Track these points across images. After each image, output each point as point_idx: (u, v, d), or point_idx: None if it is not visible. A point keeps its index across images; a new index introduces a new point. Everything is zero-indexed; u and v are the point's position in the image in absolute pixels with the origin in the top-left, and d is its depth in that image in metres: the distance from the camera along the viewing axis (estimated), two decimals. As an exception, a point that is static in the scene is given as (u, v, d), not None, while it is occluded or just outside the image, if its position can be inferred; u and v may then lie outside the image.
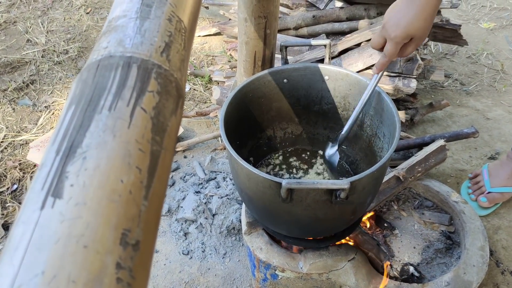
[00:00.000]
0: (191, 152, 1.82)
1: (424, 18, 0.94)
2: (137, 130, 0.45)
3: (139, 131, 0.45)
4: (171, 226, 1.56)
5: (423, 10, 0.93)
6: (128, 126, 0.45)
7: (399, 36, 0.97)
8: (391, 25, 0.97)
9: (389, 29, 0.98)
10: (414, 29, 0.95)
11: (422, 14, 0.93)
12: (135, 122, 0.46)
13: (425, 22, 0.94)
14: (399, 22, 0.95)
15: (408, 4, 0.95)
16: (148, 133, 0.46)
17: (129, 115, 0.46)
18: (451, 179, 1.68)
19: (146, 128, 0.46)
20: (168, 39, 0.55)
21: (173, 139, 0.51)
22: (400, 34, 0.96)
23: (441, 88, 2.10)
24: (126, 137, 0.44)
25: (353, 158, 1.38)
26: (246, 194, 1.15)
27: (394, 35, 0.97)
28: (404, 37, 0.97)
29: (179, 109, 0.53)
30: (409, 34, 0.96)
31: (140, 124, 0.46)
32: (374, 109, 1.24)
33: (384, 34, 1.00)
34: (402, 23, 0.95)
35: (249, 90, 1.25)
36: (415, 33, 0.96)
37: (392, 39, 0.98)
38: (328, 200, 1.02)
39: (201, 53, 2.35)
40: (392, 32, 0.97)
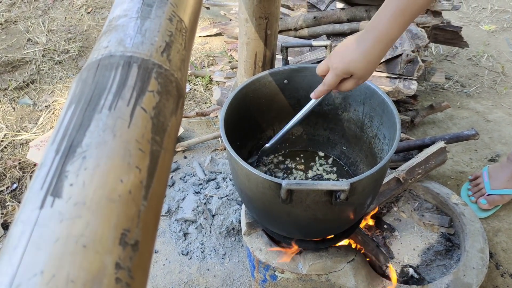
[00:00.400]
0: (191, 152, 1.82)
1: (367, 60, 0.94)
2: (137, 130, 0.45)
3: (139, 131, 0.45)
4: (170, 226, 1.56)
5: (368, 52, 0.93)
6: (128, 126, 0.44)
7: (340, 68, 0.97)
8: (337, 56, 0.98)
9: (333, 59, 0.99)
10: (355, 67, 0.95)
11: (366, 55, 0.93)
12: (135, 121, 0.46)
13: (367, 64, 0.94)
14: (344, 55, 0.96)
15: (357, 42, 0.95)
16: (148, 133, 0.46)
17: (129, 115, 0.46)
18: (451, 181, 1.68)
19: (146, 128, 0.46)
20: (169, 39, 0.55)
21: (173, 139, 0.51)
22: (341, 67, 0.96)
23: (442, 90, 2.09)
24: (126, 137, 0.44)
25: (353, 159, 1.38)
26: (245, 194, 1.14)
27: (336, 66, 0.98)
28: (344, 71, 0.97)
29: (179, 109, 0.53)
30: (349, 70, 0.96)
31: (140, 124, 0.46)
32: (374, 111, 1.24)
33: (329, 62, 1.01)
34: (346, 58, 0.95)
35: (249, 90, 1.25)
36: (355, 71, 0.96)
37: (334, 70, 0.99)
38: (328, 201, 1.02)
39: (201, 54, 2.35)
40: (335, 63, 0.98)
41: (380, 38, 0.92)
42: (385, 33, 0.91)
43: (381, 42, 0.92)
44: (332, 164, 1.40)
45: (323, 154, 1.43)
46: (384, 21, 0.91)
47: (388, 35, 0.91)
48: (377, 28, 0.92)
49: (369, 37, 0.93)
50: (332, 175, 1.37)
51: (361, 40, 0.94)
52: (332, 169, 1.39)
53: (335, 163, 1.41)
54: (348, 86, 1.01)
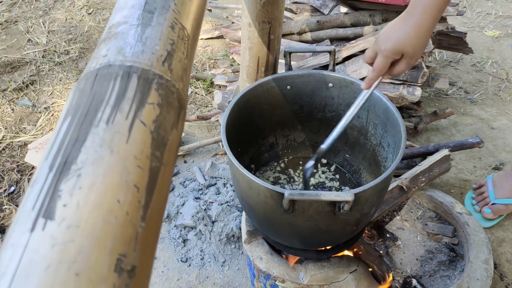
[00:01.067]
0: (191, 156, 1.80)
1: (417, 35, 0.91)
2: (135, 145, 0.43)
3: (138, 146, 0.43)
4: (169, 232, 1.54)
5: (417, 26, 0.90)
6: (127, 141, 0.42)
7: (389, 50, 0.93)
8: (383, 38, 0.94)
9: (380, 42, 0.95)
10: (406, 45, 0.91)
11: (415, 30, 0.90)
12: (134, 136, 0.43)
13: (417, 39, 0.91)
14: (391, 35, 0.93)
15: (403, 20, 0.92)
16: (148, 149, 0.44)
17: (128, 129, 0.43)
18: (454, 189, 1.66)
19: (145, 143, 0.44)
20: (171, 48, 0.53)
21: (174, 153, 0.48)
22: (390, 48, 0.93)
23: (445, 96, 2.07)
24: (124, 153, 0.41)
25: (356, 167, 1.36)
26: (246, 202, 1.12)
27: (384, 48, 0.94)
28: (394, 51, 0.93)
29: (180, 121, 0.50)
30: (399, 49, 0.92)
31: (139, 138, 0.44)
32: (378, 118, 1.22)
33: (376, 47, 0.97)
34: (393, 37, 0.92)
35: (251, 96, 1.23)
36: (406, 49, 0.92)
37: (382, 52, 0.95)
38: (331, 212, 0.99)
39: (203, 56, 2.33)
40: (382, 45, 0.94)
41: (427, 10, 0.88)
42: (432, 4, 0.87)
43: (429, 14, 0.89)
44: (335, 172, 1.38)
45: (326, 161, 1.41)
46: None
47: (436, 6, 0.88)
48: (423, 2, 0.88)
49: (415, 11, 0.90)
50: (334, 183, 1.35)
51: (407, 17, 0.91)
52: (335, 176, 1.36)
53: (338, 171, 1.39)
54: (400, 68, 0.96)
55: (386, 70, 0.98)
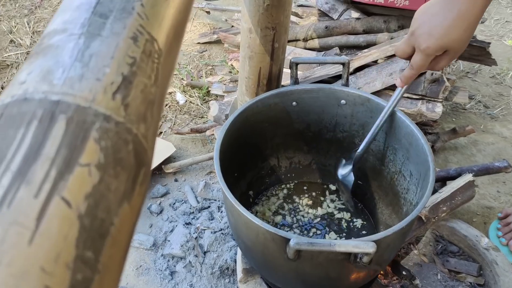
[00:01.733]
0: (183, 174, 1.62)
1: (464, 28, 0.75)
2: (47, 247, 0.25)
3: (50, 249, 0.26)
4: (156, 262, 1.36)
5: (464, 17, 0.74)
6: (30, 241, 0.25)
7: (432, 48, 0.79)
8: (423, 33, 0.79)
9: (419, 38, 0.80)
10: (451, 40, 0.77)
11: (462, 22, 0.75)
12: (46, 230, 0.26)
13: (465, 32, 0.76)
14: (433, 30, 0.77)
15: (445, 7, 0.76)
16: (69, 249, 0.26)
17: (36, 217, 0.27)
18: (477, 218, 1.48)
19: (66, 240, 0.27)
20: (129, 70, 0.35)
21: (122, 248, 0.31)
22: (433, 46, 0.78)
23: (463, 111, 1.90)
24: (22, 265, 0.24)
25: (370, 196, 1.18)
26: (243, 242, 0.95)
27: (426, 46, 0.79)
28: (438, 49, 0.79)
29: (137, 188, 0.32)
30: (444, 46, 0.78)
31: (54, 232, 0.27)
32: (399, 143, 1.04)
33: (413, 42, 0.82)
34: (437, 32, 0.77)
35: (251, 114, 1.05)
36: (452, 45, 0.78)
37: (423, 51, 0.80)
38: (344, 260, 0.82)
39: (199, 62, 2.15)
40: (423, 42, 0.79)
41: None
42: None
43: (475, 2, 0.73)
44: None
45: (335, 188, 1.23)
46: None
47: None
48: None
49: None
50: (345, 214, 1.17)
51: (450, 5, 0.75)
52: (345, 206, 1.19)
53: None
54: (442, 64, 0.83)
55: (426, 67, 0.85)
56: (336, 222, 1.15)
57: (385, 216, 1.14)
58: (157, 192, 1.54)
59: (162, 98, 0.40)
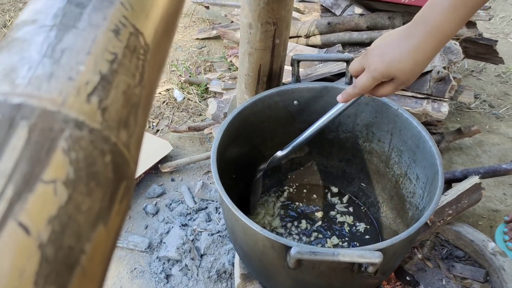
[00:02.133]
0: (180, 174, 1.57)
1: (415, 61, 0.72)
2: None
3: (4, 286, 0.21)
4: (151, 265, 1.31)
5: (417, 51, 0.72)
6: None
7: (378, 71, 0.76)
8: (375, 54, 0.76)
9: (370, 58, 0.77)
10: (399, 70, 0.74)
11: (415, 55, 0.72)
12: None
13: (414, 65, 0.73)
14: (385, 55, 0.74)
15: (403, 36, 0.73)
16: (27, 287, 0.22)
17: None
18: (483, 222, 1.44)
19: (21, 277, 0.22)
20: (108, 68, 0.30)
21: (96, 278, 0.26)
22: (381, 70, 0.75)
23: (468, 110, 1.85)
24: None
25: (374, 199, 1.14)
26: (241, 248, 0.90)
27: (374, 68, 0.76)
28: (384, 74, 0.76)
29: (116, 206, 0.28)
30: (391, 73, 0.75)
31: (7, 267, 0.22)
32: (405, 144, 0.99)
33: (364, 62, 0.79)
34: (387, 57, 0.74)
35: (250, 113, 1.01)
36: (399, 75, 0.75)
37: (370, 72, 0.77)
38: (348, 269, 0.78)
39: (198, 58, 2.10)
40: (372, 64, 0.76)
41: (433, 33, 0.70)
42: (440, 27, 0.69)
43: (434, 39, 0.70)
44: (348, 204, 1.16)
45: (337, 190, 1.19)
46: (439, 11, 0.69)
47: (444, 30, 0.70)
48: (429, 20, 0.70)
49: (418, 31, 0.71)
50: (347, 218, 1.12)
51: (407, 35, 0.72)
52: (348, 209, 1.14)
53: (351, 202, 1.16)
54: (385, 91, 0.79)
55: (369, 89, 0.81)
56: (338, 226, 1.11)
57: (389, 221, 1.09)
58: (153, 192, 1.49)
59: (149, 101, 0.35)
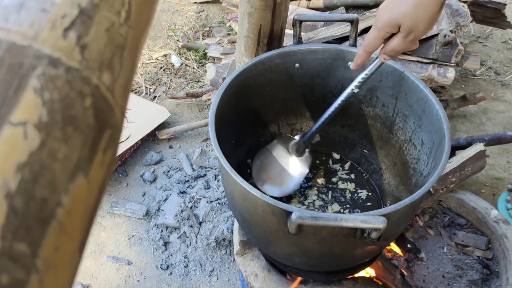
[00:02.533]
0: (178, 141, 1.54)
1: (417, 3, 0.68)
2: None
3: None
4: (148, 232, 1.30)
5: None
6: None
7: (380, 20, 0.72)
8: (381, 8, 0.73)
9: (377, 13, 0.73)
10: (402, 14, 0.69)
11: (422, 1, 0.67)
12: None
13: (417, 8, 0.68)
14: (388, 5, 0.71)
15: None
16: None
17: None
18: (485, 189, 1.42)
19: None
20: (88, 1, 0.27)
21: (76, 234, 0.23)
22: (382, 18, 0.72)
23: (473, 78, 1.81)
24: None
25: (376, 166, 1.11)
26: (240, 214, 0.88)
27: (376, 19, 0.73)
28: (386, 22, 0.71)
29: (99, 156, 0.25)
30: (393, 18, 0.70)
31: None
32: (410, 109, 0.96)
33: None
34: (391, 6, 0.70)
35: (250, 75, 0.97)
36: (402, 20, 0.70)
37: (374, 24, 0.74)
38: (350, 235, 0.76)
39: (196, 23, 2.04)
40: (377, 16, 0.73)
41: None
42: None
43: None
44: (350, 170, 1.13)
45: (339, 157, 1.16)
46: None
47: None
48: None
49: None
50: (349, 184, 1.10)
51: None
52: (350, 176, 1.12)
53: (353, 169, 1.14)
54: (394, 44, 0.74)
55: (377, 46, 0.76)
56: (339, 192, 1.09)
57: (392, 187, 1.07)
58: (150, 159, 1.47)
59: (138, 44, 0.32)
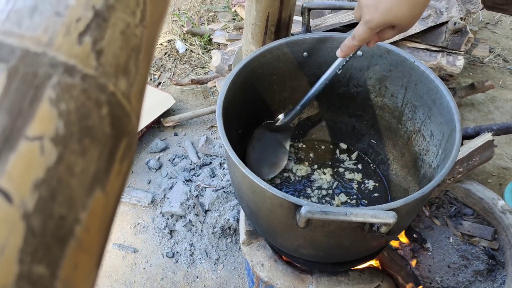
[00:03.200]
0: (183, 128, 1.54)
1: (413, 5, 0.68)
2: None
3: None
4: (154, 220, 1.30)
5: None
6: None
7: (375, 22, 0.72)
8: (368, 4, 0.71)
9: (364, 9, 0.72)
10: (397, 16, 0.70)
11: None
12: None
13: (414, 8, 0.69)
14: (378, 3, 0.70)
15: None
16: (8, 266, 0.18)
17: None
18: (492, 179, 1.41)
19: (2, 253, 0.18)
20: (103, 3, 0.26)
21: (95, 250, 0.22)
22: (377, 20, 0.71)
23: (481, 65, 1.79)
24: None
25: (384, 157, 1.10)
26: (247, 206, 0.88)
27: (369, 18, 0.72)
28: (381, 24, 0.72)
29: (116, 166, 0.24)
30: (388, 21, 0.71)
31: None
32: (420, 99, 0.95)
33: (358, 12, 0.75)
34: (382, 6, 0.69)
35: (258, 65, 0.96)
36: (397, 21, 0.71)
37: (366, 23, 0.73)
38: (358, 228, 0.75)
39: (201, 7, 2.01)
40: (367, 14, 0.72)
41: None
42: None
43: None
44: (357, 161, 1.12)
45: (346, 147, 1.15)
46: None
47: None
48: None
49: None
50: (356, 175, 1.09)
51: None
52: (357, 167, 1.11)
53: (361, 159, 1.13)
54: (388, 35, 0.76)
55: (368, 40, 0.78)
56: (346, 183, 1.08)
57: (399, 178, 1.06)
58: (155, 147, 1.46)
59: (152, 44, 0.31)
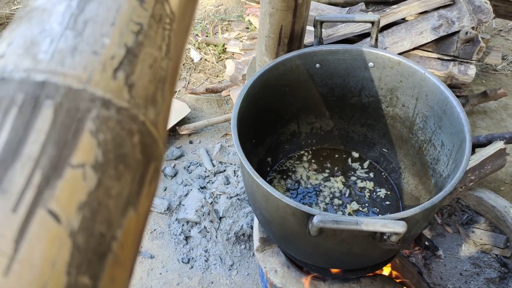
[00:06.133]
0: (198, 136, 1.57)
1: None
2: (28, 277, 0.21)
3: (33, 279, 0.21)
4: (170, 226, 1.33)
5: None
6: (7, 271, 0.20)
7: None
8: None
9: None
10: None
11: None
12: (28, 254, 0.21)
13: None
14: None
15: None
16: (59, 278, 0.21)
17: (14, 239, 0.21)
18: (505, 187, 1.41)
19: (54, 266, 0.22)
20: (134, 40, 0.29)
21: (128, 264, 0.25)
22: None
23: (494, 72, 1.79)
24: None
25: (395, 165, 1.12)
26: (261, 214, 0.90)
27: None
28: None
29: (146, 189, 0.27)
30: None
31: (39, 257, 0.21)
32: (431, 110, 0.96)
33: None
34: None
35: (271, 77, 0.98)
36: None
37: None
38: (369, 237, 0.77)
39: (215, 17, 2.05)
40: None
41: None
42: None
43: None
44: (368, 169, 1.14)
45: (358, 156, 1.17)
46: None
47: None
48: None
49: None
50: (368, 183, 1.11)
51: None
52: (368, 175, 1.13)
53: (372, 168, 1.15)
54: None
55: None
56: (358, 191, 1.10)
57: (411, 187, 1.08)
58: (171, 155, 1.49)
59: (176, 74, 0.33)
